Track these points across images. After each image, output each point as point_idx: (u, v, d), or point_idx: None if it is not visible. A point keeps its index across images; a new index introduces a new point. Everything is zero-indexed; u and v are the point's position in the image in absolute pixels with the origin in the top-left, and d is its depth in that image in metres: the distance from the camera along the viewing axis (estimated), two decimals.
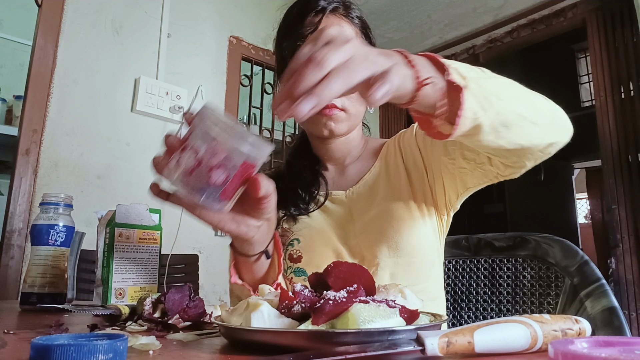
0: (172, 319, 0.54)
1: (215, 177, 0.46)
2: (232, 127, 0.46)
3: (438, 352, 0.34)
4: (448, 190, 0.80)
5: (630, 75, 2.09)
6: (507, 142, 0.56)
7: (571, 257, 0.83)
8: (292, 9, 0.83)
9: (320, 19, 0.78)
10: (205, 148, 0.45)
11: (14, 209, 1.75)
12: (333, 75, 0.41)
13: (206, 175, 0.46)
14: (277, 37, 0.86)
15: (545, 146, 0.60)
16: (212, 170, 0.46)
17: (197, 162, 0.46)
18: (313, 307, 0.40)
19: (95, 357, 0.29)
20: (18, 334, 0.50)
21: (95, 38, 2.06)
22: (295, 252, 0.81)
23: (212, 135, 0.45)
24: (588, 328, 0.40)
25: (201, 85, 2.34)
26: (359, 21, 0.83)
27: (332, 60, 0.41)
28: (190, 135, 0.46)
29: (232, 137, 0.45)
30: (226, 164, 0.46)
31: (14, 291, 1.70)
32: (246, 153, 0.46)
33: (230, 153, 0.46)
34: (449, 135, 0.51)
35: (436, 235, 0.82)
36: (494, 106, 0.52)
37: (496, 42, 2.66)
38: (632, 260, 1.99)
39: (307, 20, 0.79)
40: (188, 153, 0.46)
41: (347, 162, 0.89)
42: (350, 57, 0.42)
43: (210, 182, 0.46)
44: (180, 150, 0.46)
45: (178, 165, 0.46)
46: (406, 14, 2.56)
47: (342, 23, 0.80)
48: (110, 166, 2.02)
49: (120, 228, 0.74)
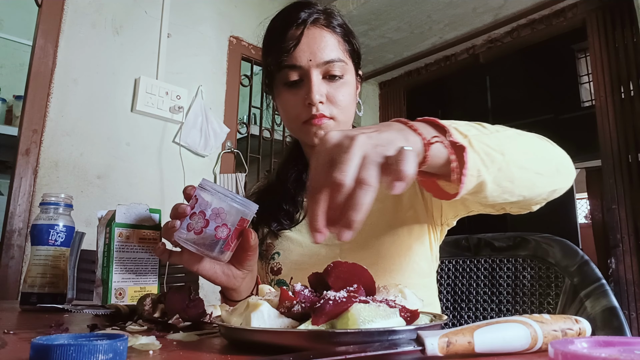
0: (172, 319, 0.54)
1: (220, 232, 0.60)
2: (226, 193, 0.60)
3: (438, 352, 0.34)
4: (446, 210, 0.80)
5: (630, 75, 2.09)
6: (510, 195, 0.57)
7: (571, 257, 0.83)
8: (274, 23, 0.84)
9: (301, 32, 0.78)
10: (211, 211, 0.59)
11: (14, 209, 1.75)
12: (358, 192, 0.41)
13: (213, 232, 0.60)
14: (262, 50, 0.87)
15: (549, 193, 0.62)
16: (218, 228, 0.59)
17: (206, 223, 0.59)
18: (313, 307, 0.40)
19: (95, 357, 0.29)
20: (18, 334, 0.50)
21: (95, 38, 2.06)
22: (276, 264, 0.85)
23: (214, 200, 0.59)
24: (588, 328, 0.40)
25: (201, 85, 2.34)
26: (340, 29, 0.83)
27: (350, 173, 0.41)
28: (196, 204, 0.60)
29: (229, 200, 0.60)
30: (227, 221, 0.60)
31: (14, 291, 1.70)
32: (241, 210, 0.61)
33: (230, 213, 0.60)
34: (455, 195, 0.53)
35: (427, 245, 0.82)
36: (497, 162, 0.53)
37: (496, 42, 2.66)
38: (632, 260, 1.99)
39: (288, 34, 0.79)
40: (197, 217, 0.59)
41: None
42: (364, 156, 0.42)
43: (217, 237, 0.60)
44: (189, 217, 0.60)
45: (189, 228, 0.59)
46: (406, 14, 2.56)
47: (324, 33, 0.80)
48: (110, 166, 2.02)
49: (120, 228, 0.74)
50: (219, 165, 2.36)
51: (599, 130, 2.17)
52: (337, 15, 0.85)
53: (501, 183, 0.55)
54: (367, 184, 0.41)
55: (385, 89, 3.29)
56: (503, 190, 0.56)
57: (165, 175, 2.16)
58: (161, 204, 2.11)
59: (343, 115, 0.81)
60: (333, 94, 0.79)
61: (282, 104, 0.83)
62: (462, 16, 2.55)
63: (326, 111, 0.79)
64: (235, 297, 0.74)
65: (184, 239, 0.60)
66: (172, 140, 2.22)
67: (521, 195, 0.58)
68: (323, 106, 0.78)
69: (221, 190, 0.60)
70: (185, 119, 2.24)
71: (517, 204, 0.62)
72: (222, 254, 0.61)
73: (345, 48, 0.83)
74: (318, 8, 0.82)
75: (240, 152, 2.47)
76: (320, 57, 0.78)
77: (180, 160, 2.21)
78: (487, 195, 0.55)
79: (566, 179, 0.63)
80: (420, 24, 2.65)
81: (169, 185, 2.16)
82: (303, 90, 0.79)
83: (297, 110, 0.80)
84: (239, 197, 0.60)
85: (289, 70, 0.79)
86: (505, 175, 0.55)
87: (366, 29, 2.66)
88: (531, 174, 0.58)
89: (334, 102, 0.79)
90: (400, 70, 3.13)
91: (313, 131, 0.79)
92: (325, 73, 0.79)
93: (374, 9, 2.53)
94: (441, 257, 0.92)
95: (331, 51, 0.79)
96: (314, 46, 0.78)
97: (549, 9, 2.40)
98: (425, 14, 2.55)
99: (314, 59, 0.78)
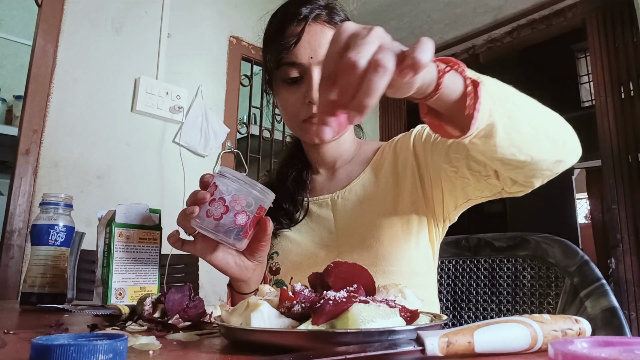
0: (172, 319, 0.54)
1: (240, 219, 0.60)
2: (246, 180, 0.60)
3: (438, 352, 0.34)
4: (447, 199, 0.79)
5: (630, 75, 2.09)
6: (519, 150, 0.55)
7: (571, 257, 0.83)
8: (274, 18, 0.82)
9: (302, 28, 0.77)
10: (231, 198, 0.60)
11: (14, 209, 1.75)
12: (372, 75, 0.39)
13: (233, 218, 0.60)
14: (262, 46, 0.86)
15: (554, 162, 0.60)
16: (237, 214, 0.60)
17: (225, 209, 0.59)
18: (313, 307, 0.40)
19: (95, 357, 0.29)
20: (18, 334, 0.50)
21: (95, 38, 2.06)
22: (274, 264, 0.85)
23: (234, 187, 0.60)
24: (588, 328, 0.40)
25: (201, 85, 2.33)
26: None
27: (366, 54, 0.39)
28: (216, 190, 0.60)
29: (248, 187, 0.60)
30: (247, 209, 0.60)
31: (14, 291, 1.70)
32: (261, 198, 0.61)
33: (250, 200, 0.60)
34: (463, 134, 0.51)
35: (427, 243, 0.81)
36: (507, 109, 0.51)
37: (496, 42, 2.66)
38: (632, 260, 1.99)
39: (288, 30, 0.78)
40: (216, 203, 0.59)
41: (338, 165, 0.89)
42: (380, 45, 0.40)
43: (236, 223, 0.60)
44: (209, 203, 0.59)
45: (209, 214, 0.59)
46: (406, 14, 2.56)
47: (325, 30, 0.79)
48: (110, 166, 2.02)
49: (120, 228, 0.74)
50: (219, 165, 2.36)
51: (599, 130, 2.17)
52: (340, 10, 0.83)
53: (510, 133, 0.53)
54: (383, 65, 0.38)
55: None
56: (512, 142, 0.54)
57: (165, 175, 2.16)
58: (161, 204, 2.11)
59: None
60: None
61: (281, 102, 0.82)
62: (462, 16, 2.55)
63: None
64: (244, 289, 0.73)
65: (202, 225, 0.60)
66: (172, 140, 2.22)
67: (529, 154, 0.56)
68: None
69: (241, 177, 0.60)
70: (185, 119, 2.24)
71: (522, 169, 0.59)
72: (239, 241, 0.61)
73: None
74: (320, 3, 0.81)
75: (240, 152, 2.47)
76: (321, 55, 0.76)
77: (180, 160, 2.21)
78: (497, 143, 0.53)
79: (572, 153, 0.61)
80: (420, 24, 2.65)
81: (169, 185, 2.16)
82: (303, 88, 0.78)
83: (296, 108, 0.79)
84: (258, 185, 0.61)
85: (289, 67, 0.78)
86: (515, 126, 0.53)
87: None
88: (540, 134, 0.56)
89: None
90: None
91: (313, 130, 0.79)
92: None
93: (374, 9, 2.53)
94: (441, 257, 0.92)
95: None
96: (315, 43, 0.77)
97: (549, 9, 2.40)
98: (425, 14, 2.55)
99: (315, 56, 0.77)
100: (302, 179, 0.88)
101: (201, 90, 2.32)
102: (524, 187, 0.65)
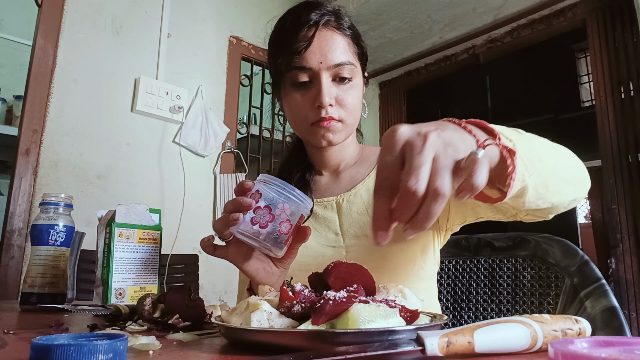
0: (172, 319, 0.54)
1: (284, 228, 0.60)
2: (288, 188, 0.60)
3: (438, 352, 0.34)
4: (453, 216, 0.80)
5: (630, 75, 2.09)
6: (543, 201, 0.58)
7: (571, 257, 0.83)
8: (285, 23, 0.83)
9: (313, 33, 0.78)
10: (277, 207, 0.60)
11: (14, 209, 1.75)
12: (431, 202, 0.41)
13: (277, 227, 0.60)
14: (271, 49, 0.86)
15: (570, 202, 0.63)
16: (282, 223, 0.60)
17: (271, 218, 0.60)
18: (313, 307, 0.40)
19: (95, 357, 0.29)
20: (18, 334, 0.50)
21: (95, 38, 2.06)
22: None
23: (280, 196, 0.60)
24: (588, 328, 0.40)
25: (201, 85, 2.33)
26: (350, 31, 0.83)
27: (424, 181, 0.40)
28: (260, 198, 0.60)
29: (293, 197, 0.60)
30: (291, 217, 0.61)
31: (14, 291, 1.70)
32: (303, 206, 0.61)
33: (294, 209, 0.61)
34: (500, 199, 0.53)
35: (429, 249, 0.82)
36: (536, 167, 0.54)
37: (496, 42, 2.66)
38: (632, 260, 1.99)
39: (300, 35, 0.79)
40: (262, 211, 0.60)
41: (342, 168, 0.90)
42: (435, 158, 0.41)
43: (280, 231, 0.60)
44: (253, 210, 0.59)
45: (254, 222, 0.60)
46: (406, 14, 2.56)
47: (335, 36, 0.80)
48: (110, 166, 2.02)
49: (120, 228, 0.74)
50: (219, 165, 2.36)
51: (599, 130, 2.17)
52: (346, 16, 0.85)
53: (538, 189, 0.55)
54: (442, 194, 0.40)
55: (385, 89, 3.29)
56: (538, 196, 0.56)
57: (165, 175, 2.16)
58: (161, 204, 2.11)
59: (351, 118, 0.81)
60: (342, 97, 0.79)
61: (289, 105, 0.83)
62: (462, 16, 2.55)
63: (335, 114, 0.79)
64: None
65: (244, 232, 0.60)
66: (172, 140, 2.22)
67: (551, 202, 0.59)
68: (332, 109, 0.79)
69: (285, 185, 0.60)
70: (185, 119, 2.24)
71: (542, 211, 0.62)
72: (280, 249, 0.62)
73: (355, 50, 0.83)
74: (328, 9, 0.82)
75: (240, 152, 2.47)
76: (331, 60, 0.78)
77: (180, 160, 2.21)
78: (526, 200, 0.55)
79: (585, 189, 0.65)
80: (420, 24, 2.65)
81: (169, 185, 2.16)
82: (312, 91, 0.79)
83: (305, 112, 0.80)
84: (299, 193, 0.61)
85: (299, 71, 0.79)
86: (542, 181, 0.55)
87: (366, 29, 2.66)
88: (562, 182, 0.59)
89: (342, 105, 0.79)
90: (400, 70, 3.13)
91: (321, 133, 0.80)
92: (335, 75, 0.79)
93: (374, 9, 2.53)
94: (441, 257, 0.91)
95: (341, 54, 0.79)
96: (325, 48, 0.78)
97: (549, 9, 2.40)
98: (425, 14, 2.55)
99: (324, 61, 0.78)
100: (305, 180, 0.88)
101: (201, 90, 2.32)
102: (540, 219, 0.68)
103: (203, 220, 2.24)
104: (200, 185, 2.26)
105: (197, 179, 2.25)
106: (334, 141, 0.81)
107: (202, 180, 2.28)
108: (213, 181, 2.32)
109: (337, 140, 0.82)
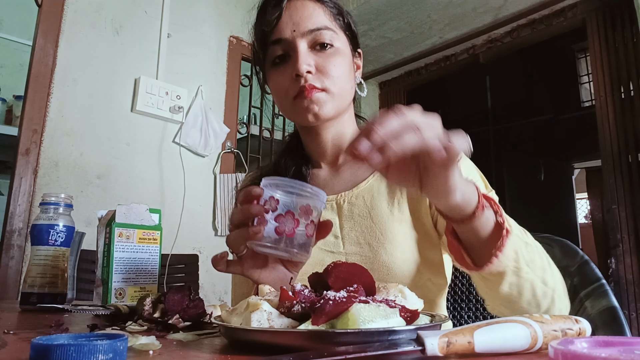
0: (172, 319, 0.54)
1: (309, 230, 0.56)
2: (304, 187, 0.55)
3: (438, 352, 0.34)
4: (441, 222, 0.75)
5: (630, 75, 2.09)
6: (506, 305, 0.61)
7: (571, 257, 0.83)
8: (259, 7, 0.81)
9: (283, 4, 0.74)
10: (299, 209, 0.55)
11: (14, 209, 1.75)
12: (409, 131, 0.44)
13: (304, 230, 0.55)
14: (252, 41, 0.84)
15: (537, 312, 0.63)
16: (307, 226, 0.55)
17: (296, 223, 0.55)
18: (313, 307, 0.40)
19: (95, 357, 0.29)
20: (18, 334, 0.50)
21: (95, 38, 2.05)
22: None
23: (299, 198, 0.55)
24: (588, 328, 0.40)
25: (201, 85, 2.33)
26: (331, 3, 0.78)
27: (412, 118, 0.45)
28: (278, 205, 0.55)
29: (310, 195, 0.55)
30: (314, 218, 0.56)
31: (14, 291, 1.70)
32: (320, 202, 0.56)
33: (315, 209, 0.56)
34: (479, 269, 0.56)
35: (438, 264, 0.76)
36: (522, 270, 0.56)
37: (496, 42, 2.66)
38: (632, 260, 1.99)
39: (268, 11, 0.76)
40: (285, 218, 0.54)
41: (341, 161, 0.83)
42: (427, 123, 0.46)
43: (307, 235, 0.56)
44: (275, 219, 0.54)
45: (279, 231, 0.54)
46: (406, 14, 2.55)
47: (307, 3, 0.75)
48: (110, 166, 2.02)
49: (120, 228, 0.74)
50: (219, 165, 2.36)
51: (599, 130, 2.17)
52: None
53: (512, 288, 0.57)
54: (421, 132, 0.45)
55: (385, 89, 3.29)
56: (507, 298, 0.59)
57: (165, 175, 2.16)
58: (161, 204, 2.11)
59: (336, 87, 0.74)
60: (322, 64, 0.73)
61: (272, 86, 0.79)
62: (462, 16, 2.55)
63: (317, 82, 0.72)
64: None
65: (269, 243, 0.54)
66: (172, 140, 2.22)
67: (514, 310, 0.61)
68: (312, 76, 0.72)
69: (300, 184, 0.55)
70: (185, 119, 2.24)
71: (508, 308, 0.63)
72: (308, 253, 0.57)
73: (335, 18, 0.77)
74: None
75: (240, 152, 2.47)
76: (304, 26, 0.73)
77: (180, 160, 2.21)
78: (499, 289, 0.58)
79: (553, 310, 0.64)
80: (420, 24, 2.65)
81: (169, 185, 2.16)
82: (290, 64, 0.74)
83: (285, 87, 0.74)
84: (313, 188, 0.56)
85: (274, 45, 0.75)
86: (519, 286, 0.57)
87: (366, 29, 2.66)
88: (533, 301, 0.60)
89: (324, 73, 0.73)
90: (400, 70, 3.13)
91: (304, 105, 0.73)
92: (312, 42, 0.74)
93: (374, 9, 2.53)
94: None
95: (317, 19, 0.74)
96: (297, 16, 0.74)
97: (549, 9, 2.40)
98: (425, 14, 2.55)
99: (297, 28, 0.73)
100: (302, 174, 0.82)
101: (201, 90, 2.32)
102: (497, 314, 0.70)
103: (203, 221, 2.24)
104: (200, 186, 2.26)
105: (197, 179, 2.25)
106: (321, 114, 0.73)
107: (202, 180, 2.28)
108: (213, 181, 2.32)
109: (324, 113, 0.74)
